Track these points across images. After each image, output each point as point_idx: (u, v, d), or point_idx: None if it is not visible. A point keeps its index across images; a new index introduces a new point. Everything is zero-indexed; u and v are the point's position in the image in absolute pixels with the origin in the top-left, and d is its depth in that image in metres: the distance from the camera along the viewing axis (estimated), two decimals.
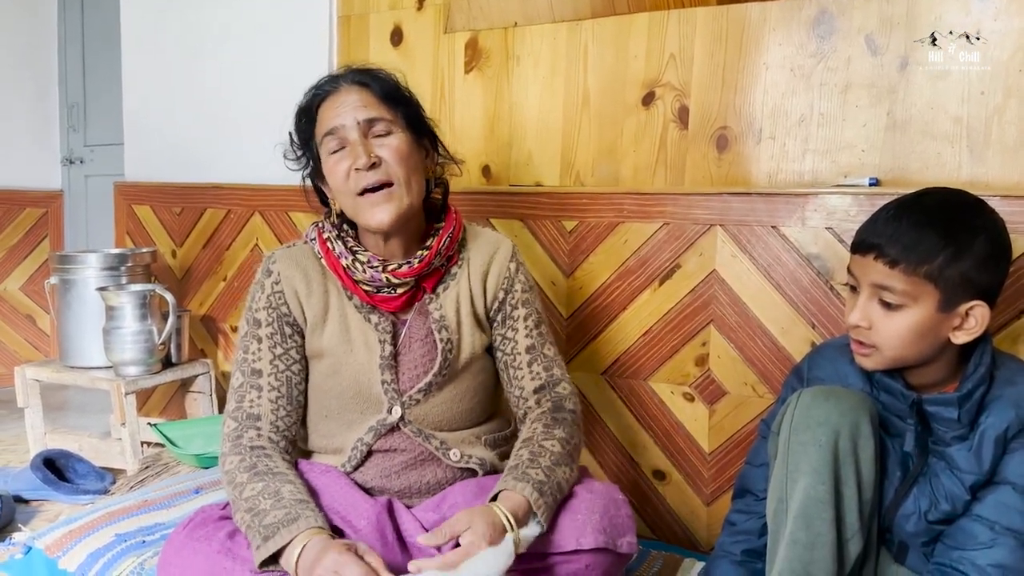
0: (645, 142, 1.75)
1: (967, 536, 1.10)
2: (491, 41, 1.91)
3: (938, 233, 1.07)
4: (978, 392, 1.11)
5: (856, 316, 1.12)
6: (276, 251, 1.34)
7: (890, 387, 1.14)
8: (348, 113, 1.24)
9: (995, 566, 1.06)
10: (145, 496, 1.66)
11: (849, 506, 1.09)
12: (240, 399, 1.27)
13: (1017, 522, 1.08)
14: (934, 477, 1.14)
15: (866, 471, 1.10)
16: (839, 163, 1.56)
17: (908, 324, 1.09)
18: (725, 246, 1.60)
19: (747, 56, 1.63)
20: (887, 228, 1.10)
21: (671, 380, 1.68)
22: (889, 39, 1.50)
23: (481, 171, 1.95)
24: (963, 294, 1.08)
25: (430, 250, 1.28)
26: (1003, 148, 1.44)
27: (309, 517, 1.09)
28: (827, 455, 1.08)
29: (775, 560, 1.09)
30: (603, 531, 1.14)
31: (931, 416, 1.13)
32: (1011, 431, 1.10)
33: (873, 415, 1.12)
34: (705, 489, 1.66)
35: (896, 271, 1.08)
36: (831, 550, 1.07)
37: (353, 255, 1.27)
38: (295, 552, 1.05)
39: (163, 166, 2.48)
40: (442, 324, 1.30)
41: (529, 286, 1.38)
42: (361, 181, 1.22)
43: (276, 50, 2.24)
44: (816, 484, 1.07)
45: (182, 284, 2.42)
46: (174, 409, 2.45)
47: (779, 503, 1.11)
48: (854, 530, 1.09)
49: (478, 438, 1.33)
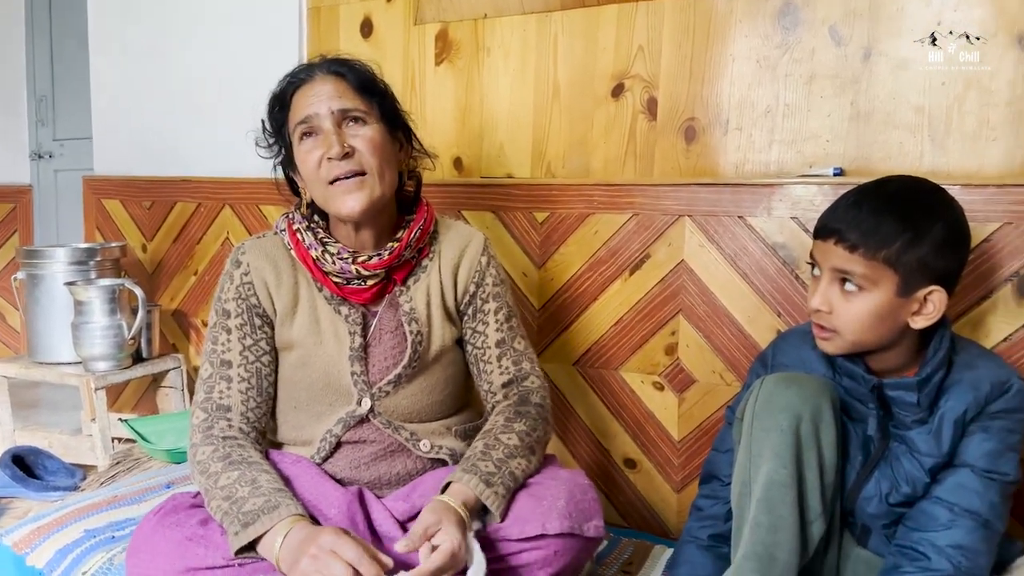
0: (615, 134, 1.76)
1: (927, 518, 1.12)
2: (461, 33, 1.91)
3: (897, 219, 1.09)
4: (937, 376, 1.13)
5: (817, 300, 1.14)
6: (245, 242, 1.33)
7: (852, 372, 1.16)
8: (322, 102, 1.23)
9: (954, 547, 1.08)
10: (115, 492, 1.65)
11: (811, 489, 1.11)
12: (209, 390, 1.27)
13: (975, 503, 1.10)
14: (895, 460, 1.17)
15: (828, 455, 1.12)
16: (804, 153, 1.58)
17: (868, 308, 1.11)
18: (693, 236, 1.61)
19: (714, 48, 1.65)
20: (847, 214, 1.12)
21: (641, 369, 1.69)
22: (853, 30, 1.52)
23: (452, 163, 1.95)
24: (921, 279, 1.10)
25: (400, 242, 1.28)
26: (963, 137, 1.46)
27: (290, 505, 1.09)
28: (789, 439, 1.10)
29: (739, 544, 1.11)
30: (569, 516, 1.15)
31: (892, 400, 1.16)
32: (969, 414, 1.13)
33: (835, 400, 1.14)
34: (675, 476, 1.68)
35: (856, 256, 1.10)
36: (794, 533, 1.09)
37: (323, 246, 1.27)
38: (277, 539, 1.05)
39: (132, 160, 2.46)
40: (412, 316, 1.30)
41: (500, 280, 1.38)
42: (333, 170, 1.22)
43: (245, 42, 2.23)
44: (779, 468, 1.09)
45: (152, 278, 2.40)
46: (146, 405, 2.44)
47: (743, 487, 1.13)
48: (817, 513, 1.11)
49: (448, 429, 1.34)
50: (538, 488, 1.19)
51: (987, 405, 1.13)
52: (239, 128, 2.23)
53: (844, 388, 1.19)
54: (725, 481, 1.26)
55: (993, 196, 1.36)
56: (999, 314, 1.37)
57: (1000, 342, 1.37)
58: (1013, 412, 1.13)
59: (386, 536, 1.19)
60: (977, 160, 1.45)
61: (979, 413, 1.13)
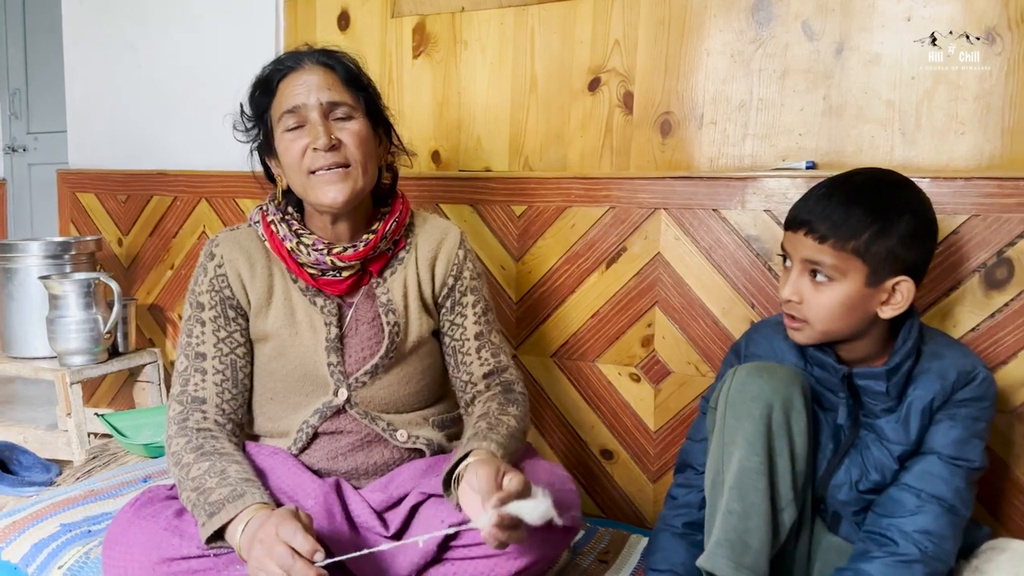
0: (591, 127, 1.77)
1: (895, 504, 1.14)
2: (439, 26, 1.91)
3: (865, 210, 1.11)
4: (906, 365, 1.15)
5: (788, 291, 1.16)
6: (219, 234, 1.33)
7: (822, 362, 1.18)
8: (311, 92, 1.23)
9: (921, 532, 1.11)
10: (92, 486, 1.65)
11: (782, 477, 1.13)
12: (185, 383, 1.27)
13: (942, 489, 1.13)
14: (865, 448, 1.19)
15: (799, 443, 1.14)
16: (778, 147, 1.60)
17: (837, 298, 1.13)
18: (669, 229, 1.63)
19: (689, 42, 1.66)
20: (817, 206, 1.14)
21: (618, 361, 1.71)
22: (825, 25, 1.54)
23: (430, 156, 1.96)
24: (889, 270, 1.12)
25: (376, 234, 1.29)
26: (933, 132, 1.49)
27: (255, 493, 1.10)
28: (761, 428, 1.12)
29: (712, 530, 1.13)
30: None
31: (861, 389, 1.18)
32: (936, 402, 1.15)
33: (805, 389, 1.16)
34: (651, 466, 1.69)
35: (825, 246, 1.12)
36: (765, 519, 1.11)
37: (298, 238, 1.27)
38: (239, 527, 1.05)
39: (108, 153, 2.44)
40: (389, 307, 1.31)
41: (477, 273, 1.39)
42: (318, 160, 1.22)
43: (222, 35, 2.22)
44: (750, 455, 1.11)
45: (128, 272, 2.38)
46: (122, 400, 2.42)
47: (716, 475, 1.15)
48: (788, 500, 1.13)
49: (426, 420, 1.35)
50: None
51: (954, 394, 1.15)
52: (216, 121, 2.21)
53: (815, 377, 1.21)
54: (699, 470, 1.27)
55: (961, 189, 1.39)
56: (967, 305, 1.40)
57: (968, 332, 1.40)
58: (979, 400, 1.16)
59: (363, 526, 1.20)
60: (946, 154, 1.48)
61: (946, 401, 1.16)
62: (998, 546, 1.22)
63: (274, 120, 1.27)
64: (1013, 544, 1.22)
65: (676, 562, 1.22)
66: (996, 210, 1.37)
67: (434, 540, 1.13)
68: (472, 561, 1.18)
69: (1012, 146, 1.43)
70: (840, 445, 1.21)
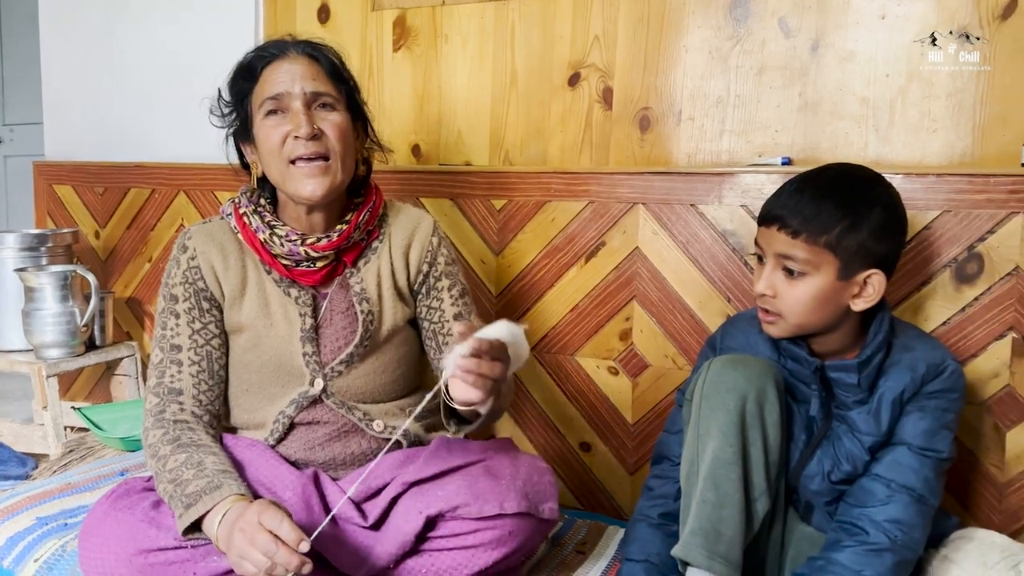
0: (571, 122, 1.78)
1: (866, 494, 1.17)
2: (419, 19, 1.91)
3: (836, 205, 1.13)
4: (877, 358, 1.18)
5: (762, 285, 1.18)
6: (192, 227, 1.34)
7: (796, 354, 1.20)
8: (295, 81, 1.24)
9: (891, 521, 1.13)
10: (68, 479, 1.64)
11: (756, 467, 1.15)
12: (161, 375, 1.27)
13: (911, 480, 1.15)
14: (836, 440, 1.21)
15: (772, 434, 1.16)
16: (754, 143, 1.62)
17: (810, 291, 1.15)
18: (647, 224, 1.64)
19: (667, 39, 1.67)
20: (790, 201, 1.16)
21: (596, 355, 1.72)
22: (801, 22, 1.56)
23: (411, 150, 1.96)
24: (861, 263, 1.14)
25: (349, 224, 1.30)
26: (906, 128, 1.51)
27: (232, 485, 1.10)
28: (735, 419, 1.13)
29: (687, 520, 1.14)
30: (526, 496, 1.18)
31: (833, 382, 1.20)
32: (907, 394, 1.18)
33: (779, 381, 1.18)
34: (629, 459, 1.71)
35: (798, 241, 1.14)
36: (739, 509, 1.13)
37: (271, 229, 1.28)
38: (216, 519, 1.05)
39: (85, 145, 2.41)
40: (363, 296, 1.31)
41: (452, 259, 1.40)
42: (299, 149, 1.22)
43: (201, 26, 2.20)
44: (724, 446, 1.13)
45: (105, 265, 2.36)
46: (99, 393, 2.40)
47: (691, 465, 1.17)
48: (761, 490, 1.15)
49: (402, 410, 1.35)
50: (497, 468, 1.21)
51: (923, 386, 1.18)
52: (194, 114, 2.20)
53: (788, 370, 1.23)
54: (675, 461, 1.29)
55: (933, 185, 1.41)
56: (938, 299, 1.43)
57: (939, 326, 1.43)
58: (948, 392, 1.19)
59: (342, 517, 1.21)
60: (919, 150, 1.50)
61: (916, 393, 1.18)
62: (966, 535, 1.25)
63: (255, 106, 1.27)
64: (980, 533, 1.25)
65: (652, 551, 1.23)
66: (967, 206, 1.39)
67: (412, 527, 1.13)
68: (450, 552, 1.19)
69: (983, 143, 1.46)
70: (813, 436, 1.23)
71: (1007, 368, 1.39)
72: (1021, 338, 1.37)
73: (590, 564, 1.42)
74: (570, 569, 1.39)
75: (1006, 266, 1.37)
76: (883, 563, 1.10)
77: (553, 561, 1.42)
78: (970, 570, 1.17)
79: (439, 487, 1.19)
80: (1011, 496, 1.41)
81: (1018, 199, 1.36)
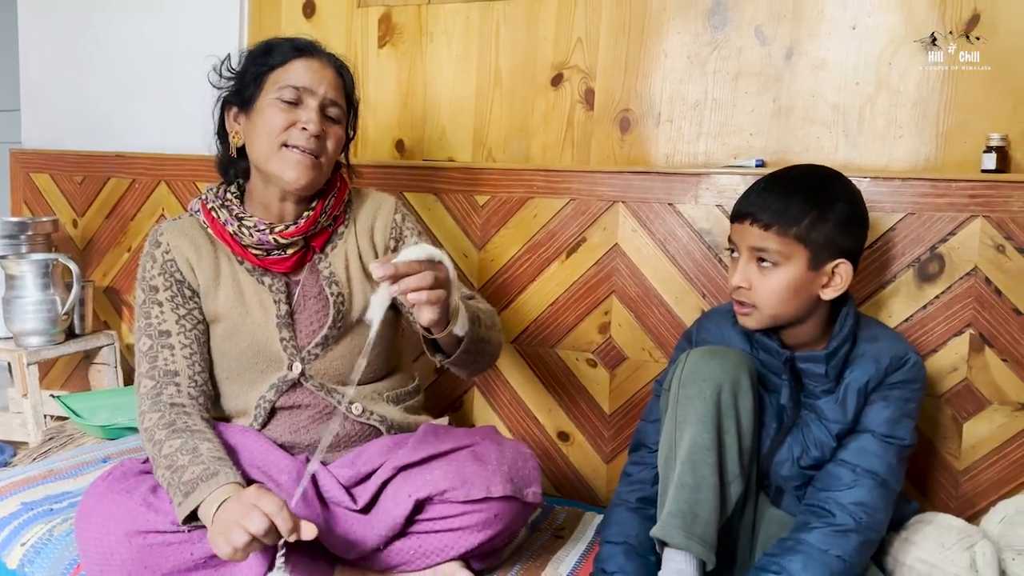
0: (554, 121, 1.83)
1: (832, 478, 1.23)
2: (405, 17, 1.95)
3: (803, 200, 1.22)
4: (843, 350, 1.25)
5: (737, 278, 1.25)
6: (162, 224, 1.39)
7: (767, 346, 1.27)
8: (322, 84, 1.31)
9: (856, 504, 1.20)
10: (51, 466, 1.65)
11: (730, 453, 1.21)
12: (153, 359, 1.30)
13: (875, 465, 1.22)
14: (805, 427, 1.28)
15: (745, 422, 1.22)
16: (729, 145, 1.68)
17: (783, 282, 1.22)
18: (626, 221, 1.70)
19: (648, 43, 1.73)
20: (760, 198, 1.24)
21: (576, 347, 1.77)
22: (777, 31, 1.63)
23: (395, 145, 1.99)
24: (828, 253, 1.22)
25: (315, 210, 1.35)
26: (874, 135, 1.58)
27: (228, 472, 1.13)
28: (711, 407, 1.19)
29: (665, 502, 1.20)
30: (511, 481, 1.22)
31: (802, 372, 1.27)
32: (871, 384, 1.25)
33: (752, 372, 1.25)
34: (606, 448, 1.77)
35: (770, 234, 1.22)
36: (715, 492, 1.18)
37: (239, 221, 1.32)
38: (213, 507, 1.08)
39: (63, 133, 2.40)
40: (332, 280, 1.36)
41: (419, 232, 1.46)
42: (300, 141, 1.29)
43: (185, 17, 2.21)
44: (701, 433, 1.19)
45: (84, 254, 2.36)
46: (76, 382, 2.40)
47: (669, 451, 1.22)
48: (734, 475, 1.21)
49: (380, 394, 1.40)
50: (483, 453, 1.26)
51: (887, 376, 1.25)
52: (176, 104, 2.21)
53: (760, 361, 1.29)
54: (652, 449, 1.35)
55: (898, 189, 1.48)
56: (901, 296, 1.50)
57: (902, 322, 1.50)
58: (910, 383, 1.26)
59: (332, 501, 1.24)
60: (886, 155, 1.58)
61: (879, 384, 1.25)
62: (926, 519, 1.32)
63: (270, 84, 1.31)
64: (939, 517, 1.32)
65: (630, 534, 1.28)
66: (930, 209, 1.47)
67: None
68: (436, 535, 1.24)
69: (946, 149, 1.54)
70: (783, 424, 1.29)
71: (965, 363, 1.47)
72: (978, 335, 1.45)
73: (568, 548, 1.47)
74: (549, 553, 1.44)
75: (965, 266, 1.45)
76: (849, 543, 1.17)
77: (533, 545, 1.47)
78: (928, 550, 1.24)
79: (427, 471, 1.23)
80: (967, 483, 1.49)
81: (977, 203, 1.44)
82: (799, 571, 1.15)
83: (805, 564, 1.15)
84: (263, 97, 1.31)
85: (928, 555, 1.24)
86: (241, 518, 1.02)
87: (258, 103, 1.32)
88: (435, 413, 1.58)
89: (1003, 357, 1.44)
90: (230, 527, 1.02)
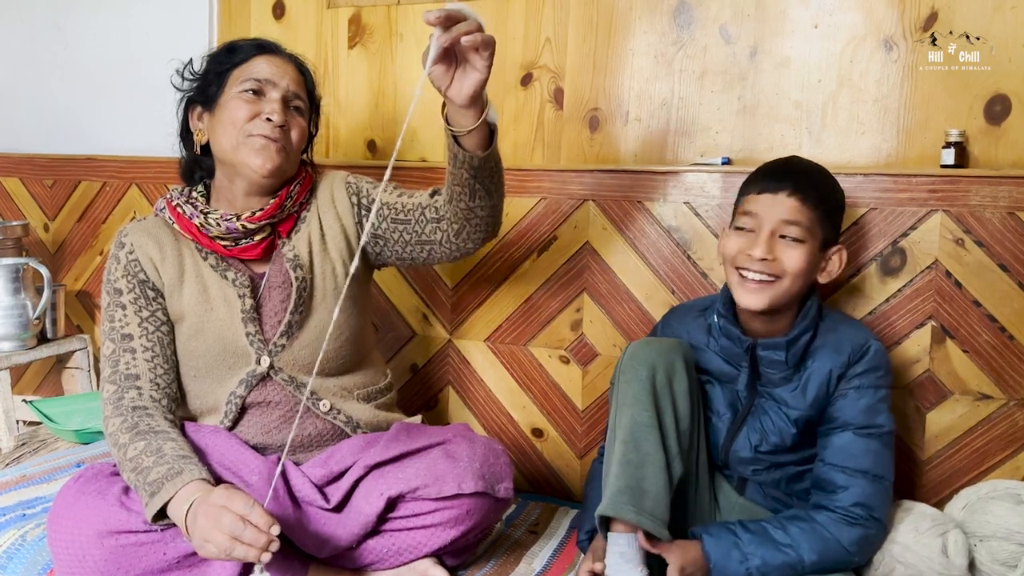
0: (524, 121, 1.85)
1: (826, 483, 1.25)
2: (374, 18, 1.95)
3: (826, 182, 1.28)
4: (804, 338, 1.27)
5: (762, 249, 1.25)
6: (127, 225, 1.41)
7: (730, 333, 1.30)
8: (283, 78, 1.35)
9: (856, 505, 1.22)
10: (24, 471, 1.64)
11: (668, 432, 1.23)
12: (115, 364, 1.30)
13: (863, 462, 1.24)
14: (763, 415, 1.31)
15: (681, 403, 1.25)
16: (696, 143, 1.70)
17: (805, 258, 1.25)
18: (597, 219, 1.72)
19: (615, 42, 1.75)
20: (794, 173, 1.27)
21: (548, 344, 1.79)
22: (741, 30, 1.65)
23: (366, 145, 2.00)
24: (832, 238, 1.28)
25: (279, 196, 1.36)
26: (837, 131, 1.61)
27: (193, 470, 1.13)
28: (647, 387, 1.22)
29: (608, 483, 1.20)
30: (482, 477, 1.24)
31: (761, 359, 1.29)
32: (836, 372, 1.27)
33: (687, 357, 1.29)
34: (579, 443, 1.79)
35: (806, 207, 1.24)
36: (660, 467, 1.20)
37: (204, 215, 1.33)
38: (183, 506, 1.08)
39: (33, 137, 2.39)
40: (296, 263, 1.37)
41: (374, 184, 1.46)
42: (264, 129, 1.31)
43: (154, 19, 2.20)
44: (640, 412, 1.21)
45: (55, 259, 2.35)
46: (48, 386, 2.38)
47: (612, 432, 1.25)
48: (674, 453, 1.23)
49: (350, 392, 1.40)
50: (455, 451, 1.27)
51: (851, 367, 1.27)
52: (147, 106, 2.20)
53: (720, 348, 1.32)
54: None
55: (861, 184, 1.51)
56: (865, 290, 1.53)
57: (866, 315, 1.53)
58: (875, 370, 1.28)
59: (305, 500, 1.25)
60: (848, 151, 1.61)
61: (844, 374, 1.28)
62: (902, 506, 1.34)
63: (233, 80, 1.34)
64: (914, 505, 1.34)
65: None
66: (892, 203, 1.50)
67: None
68: (409, 532, 1.25)
69: (907, 145, 1.57)
70: (738, 413, 1.32)
71: (927, 354, 1.50)
72: (940, 327, 1.49)
73: (543, 543, 1.49)
74: (524, 548, 1.46)
75: (926, 260, 1.49)
76: (851, 535, 1.21)
77: (508, 541, 1.49)
78: (903, 532, 1.27)
79: (400, 469, 1.24)
80: (930, 472, 1.52)
81: (938, 198, 1.47)
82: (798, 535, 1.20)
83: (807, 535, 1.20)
84: (227, 92, 1.34)
85: (903, 537, 1.27)
86: (214, 523, 1.02)
87: (222, 99, 1.34)
88: (410, 412, 1.60)
89: (964, 348, 1.48)
90: (211, 534, 1.02)
